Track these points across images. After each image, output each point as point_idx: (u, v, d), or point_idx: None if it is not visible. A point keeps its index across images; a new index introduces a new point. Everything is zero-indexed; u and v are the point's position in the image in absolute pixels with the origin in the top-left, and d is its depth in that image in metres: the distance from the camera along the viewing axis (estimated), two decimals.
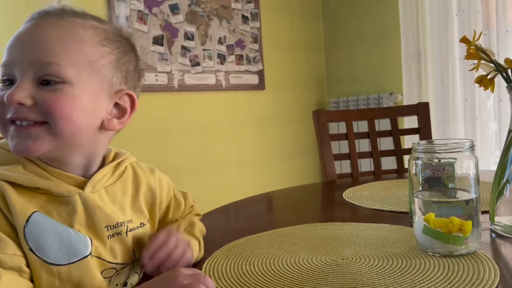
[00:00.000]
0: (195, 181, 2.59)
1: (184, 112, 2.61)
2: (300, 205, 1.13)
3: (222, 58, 2.76)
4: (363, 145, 1.73)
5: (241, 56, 2.86)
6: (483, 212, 0.79)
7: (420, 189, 0.68)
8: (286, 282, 0.57)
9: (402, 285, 0.54)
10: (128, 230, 0.62)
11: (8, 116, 0.54)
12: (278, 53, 3.08)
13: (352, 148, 1.49)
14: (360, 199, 1.04)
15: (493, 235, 0.73)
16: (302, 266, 0.63)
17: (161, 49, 2.48)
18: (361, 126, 2.54)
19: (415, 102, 2.36)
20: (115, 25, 0.64)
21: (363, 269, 0.60)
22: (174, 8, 2.54)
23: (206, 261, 0.67)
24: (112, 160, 0.64)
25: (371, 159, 1.52)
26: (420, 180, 0.69)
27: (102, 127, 0.59)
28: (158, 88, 2.47)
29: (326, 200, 1.22)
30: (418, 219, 0.66)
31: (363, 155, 1.52)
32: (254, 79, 2.93)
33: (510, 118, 0.74)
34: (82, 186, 0.58)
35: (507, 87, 0.72)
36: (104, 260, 0.58)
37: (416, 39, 2.60)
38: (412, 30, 2.61)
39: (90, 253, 0.56)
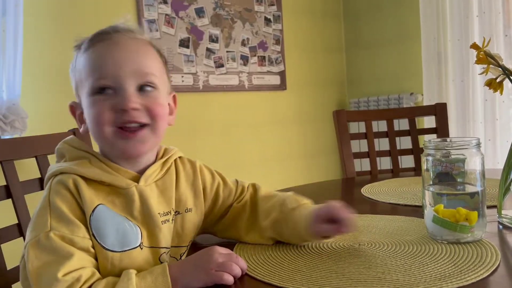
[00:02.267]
0: None
1: (209, 112, 2.70)
2: (321, 200, 1.20)
3: (245, 60, 2.85)
4: (383, 144, 1.78)
5: (263, 57, 2.94)
6: (493, 207, 0.85)
7: (431, 183, 0.75)
8: (308, 262, 0.65)
9: (412, 266, 0.61)
10: (173, 218, 0.71)
11: (122, 120, 0.64)
12: (300, 54, 3.15)
13: (371, 146, 1.56)
14: (377, 194, 1.11)
15: (500, 226, 0.79)
16: (323, 249, 0.70)
17: (187, 51, 2.58)
18: (381, 126, 2.58)
19: (435, 102, 2.40)
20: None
21: (377, 253, 0.67)
22: (199, 12, 2.64)
23: (237, 245, 0.75)
24: (162, 157, 0.73)
25: (390, 157, 1.58)
26: (431, 175, 0.75)
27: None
28: (184, 88, 2.57)
29: (345, 195, 1.29)
30: (429, 209, 0.73)
31: (382, 153, 1.58)
32: (276, 80, 3.00)
33: (503, 114, 0.79)
34: (136, 180, 0.67)
35: None
36: (157, 247, 0.67)
37: (437, 41, 2.63)
38: (433, 31, 2.64)
39: (140, 245, 0.65)
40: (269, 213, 0.75)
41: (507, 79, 0.80)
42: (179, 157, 0.77)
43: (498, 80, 0.82)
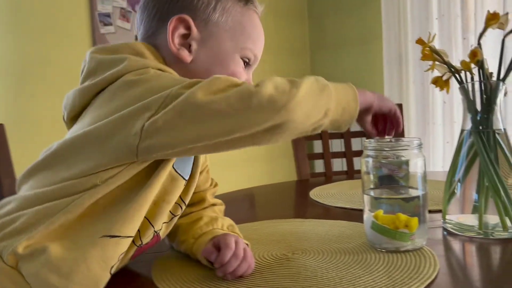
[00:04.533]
0: None
1: None
2: (266, 203, 1.14)
3: None
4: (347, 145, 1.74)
5: None
6: (436, 211, 0.81)
7: (371, 186, 0.70)
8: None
9: (343, 279, 0.55)
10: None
11: None
12: (264, 55, 3.07)
13: (326, 148, 1.51)
14: (325, 197, 1.06)
15: (445, 232, 0.74)
16: (256, 259, 0.63)
17: None
18: None
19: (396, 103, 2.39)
20: None
21: (310, 263, 0.61)
22: None
23: (155, 261, 0.65)
24: None
25: (345, 159, 1.53)
26: (372, 178, 0.70)
27: None
28: None
29: (293, 198, 1.23)
30: (368, 215, 0.67)
31: (337, 155, 1.54)
32: None
33: (462, 118, 0.75)
34: None
35: (459, 88, 0.74)
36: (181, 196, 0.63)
37: (398, 42, 2.63)
38: (394, 33, 2.64)
39: (186, 180, 0.61)
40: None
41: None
42: None
43: (444, 78, 0.78)
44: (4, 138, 1.03)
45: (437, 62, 0.76)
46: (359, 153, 1.53)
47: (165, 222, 0.62)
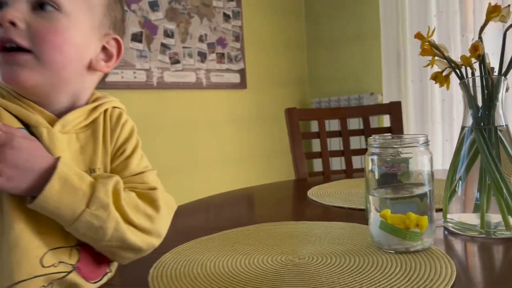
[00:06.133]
0: (175, 179, 2.57)
1: (163, 110, 2.58)
2: (264, 202, 1.12)
3: (202, 56, 2.74)
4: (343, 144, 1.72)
5: (223, 54, 2.84)
6: (438, 210, 0.79)
7: (377, 185, 0.67)
8: (241, 285, 0.54)
9: (363, 284, 0.52)
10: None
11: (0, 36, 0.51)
12: (260, 52, 3.07)
13: (324, 146, 1.49)
14: (323, 197, 1.04)
15: (446, 232, 0.72)
16: (257, 267, 0.60)
17: (139, 46, 2.45)
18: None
19: None
20: None
21: (321, 268, 0.58)
22: (153, 5, 2.52)
23: (154, 266, 0.62)
24: (90, 104, 0.59)
25: (344, 157, 1.51)
26: (376, 176, 0.68)
27: (90, 67, 0.58)
28: (136, 85, 2.44)
29: (291, 197, 1.21)
30: (374, 216, 0.65)
31: (335, 153, 1.52)
32: (235, 78, 2.92)
33: (462, 115, 0.73)
34: (52, 124, 0.54)
35: (459, 83, 0.72)
36: None
37: (396, 40, 2.61)
38: (392, 31, 2.62)
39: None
40: None
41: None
42: (114, 108, 0.62)
43: (444, 73, 0.76)
44: None
45: (436, 58, 0.74)
46: (357, 152, 1.52)
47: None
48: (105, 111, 0.61)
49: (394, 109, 1.52)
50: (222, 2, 2.83)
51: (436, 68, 0.77)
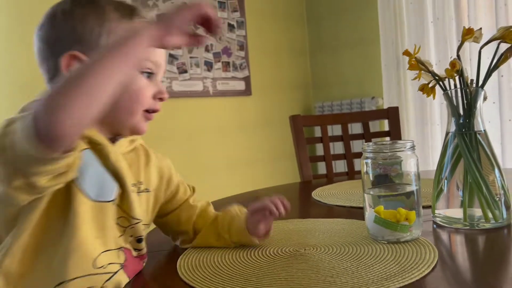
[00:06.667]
0: None
1: (173, 118, 2.69)
2: None
3: (209, 66, 2.85)
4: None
5: (228, 63, 2.95)
6: (426, 207, 0.89)
7: (371, 185, 0.77)
8: (256, 271, 0.64)
9: (359, 267, 0.62)
10: (140, 190, 0.70)
11: (156, 108, 0.70)
12: (264, 59, 3.18)
13: (327, 150, 1.59)
14: (327, 197, 1.14)
15: (434, 225, 0.82)
16: (270, 256, 0.70)
17: None
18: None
19: (395, 106, 2.46)
20: None
21: (324, 256, 0.68)
22: None
23: (180, 257, 0.73)
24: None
25: (345, 160, 1.61)
26: (371, 178, 0.78)
27: None
28: None
29: (296, 199, 1.31)
30: (370, 211, 0.75)
31: (338, 157, 1.62)
32: (240, 85, 3.02)
33: (447, 121, 0.83)
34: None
35: (443, 94, 0.82)
36: (122, 209, 0.66)
37: (395, 45, 2.71)
38: (391, 36, 2.72)
39: (113, 200, 0.63)
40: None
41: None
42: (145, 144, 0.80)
43: (430, 85, 0.86)
44: None
45: (423, 71, 0.84)
46: (359, 155, 1.61)
47: (121, 235, 0.66)
48: (140, 144, 0.79)
49: (392, 114, 1.61)
50: (226, 13, 2.95)
51: (423, 80, 0.87)
